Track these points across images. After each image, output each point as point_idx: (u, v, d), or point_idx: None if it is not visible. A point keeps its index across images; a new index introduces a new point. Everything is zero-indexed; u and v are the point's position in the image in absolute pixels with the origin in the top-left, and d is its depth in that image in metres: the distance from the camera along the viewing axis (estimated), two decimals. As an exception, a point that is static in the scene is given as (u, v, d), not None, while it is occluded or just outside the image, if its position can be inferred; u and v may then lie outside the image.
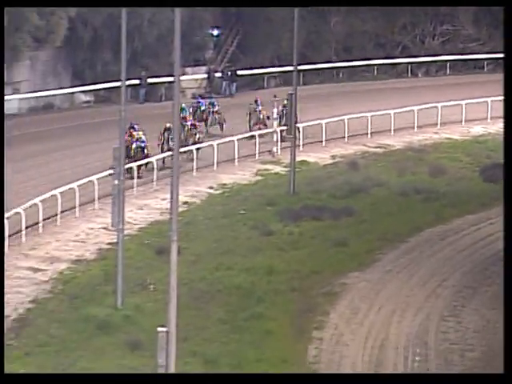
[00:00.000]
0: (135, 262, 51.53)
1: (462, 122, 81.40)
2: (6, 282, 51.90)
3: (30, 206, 56.15)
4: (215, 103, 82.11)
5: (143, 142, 65.40)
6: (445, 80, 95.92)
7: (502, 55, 70.28)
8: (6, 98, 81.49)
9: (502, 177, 69.53)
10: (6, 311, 49.56)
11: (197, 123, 75.26)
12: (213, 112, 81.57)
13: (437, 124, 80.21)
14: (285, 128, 69.38)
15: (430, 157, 74.47)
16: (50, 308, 49.67)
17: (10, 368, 42.76)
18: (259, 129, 74.61)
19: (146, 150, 64.60)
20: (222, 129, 75.80)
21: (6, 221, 56.93)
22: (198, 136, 72.23)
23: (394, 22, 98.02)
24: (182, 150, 65.38)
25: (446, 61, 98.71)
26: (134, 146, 66.25)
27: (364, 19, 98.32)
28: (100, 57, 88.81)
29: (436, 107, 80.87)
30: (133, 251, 52.06)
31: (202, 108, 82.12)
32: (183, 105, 70.79)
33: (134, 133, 66.57)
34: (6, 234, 55.40)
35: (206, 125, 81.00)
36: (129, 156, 61.29)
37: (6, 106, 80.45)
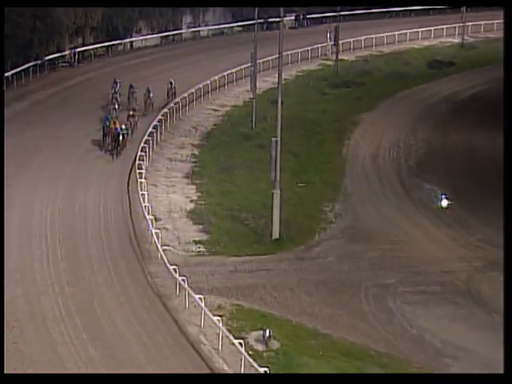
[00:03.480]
0: (261, 107, 62.65)
1: (418, 39, 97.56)
2: (207, 112, 67.35)
3: (203, 82, 70.18)
4: None
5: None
6: (411, 19, 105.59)
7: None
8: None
9: (441, 67, 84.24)
10: (202, 129, 63.78)
11: None
12: None
13: (406, 41, 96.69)
14: (333, 43, 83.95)
15: (402, 56, 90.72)
16: (221, 128, 64.50)
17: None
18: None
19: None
20: None
21: (201, 86, 69.19)
22: None
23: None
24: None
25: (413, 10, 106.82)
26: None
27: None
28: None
29: (406, 32, 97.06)
30: (260, 102, 63.32)
31: None
32: None
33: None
34: (197, 93, 68.38)
35: None
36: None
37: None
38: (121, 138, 52.53)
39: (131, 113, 58.19)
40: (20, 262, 39.90)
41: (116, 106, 61.33)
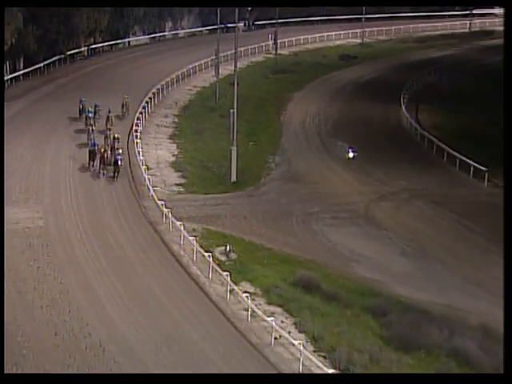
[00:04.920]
0: (222, 88, 60.59)
1: (333, 40, 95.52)
2: (183, 91, 65.28)
3: (181, 70, 69.22)
4: None
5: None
6: (328, 25, 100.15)
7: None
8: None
9: (348, 59, 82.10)
10: (180, 103, 62.15)
11: None
12: None
13: (324, 41, 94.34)
14: (273, 42, 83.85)
15: (322, 52, 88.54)
16: (194, 102, 63.42)
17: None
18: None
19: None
20: None
21: (179, 74, 67.50)
22: None
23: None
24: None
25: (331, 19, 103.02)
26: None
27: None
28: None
29: (324, 35, 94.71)
30: (221, 84, 61.63)
31: None
32: None
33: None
34: (177, 78, 66.93)
35: None
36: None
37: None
38: (120, 163, 42.27)
39: (116, 135, 46.02)
40: (53, 198, 39.68)
41: (93, 128, 48.29)
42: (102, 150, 43.07)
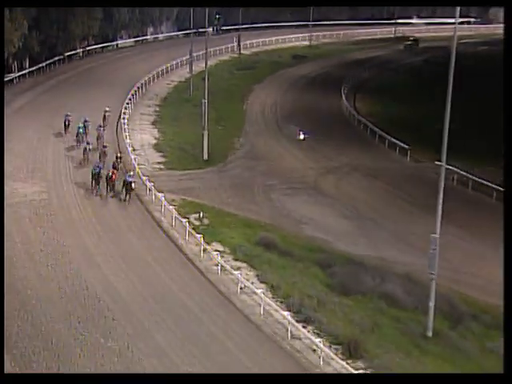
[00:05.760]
0: (195, 82, 58.66)
1: (286, 42, 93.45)
2: (163, 85, 63.43)
3: (161, 67, 68.22)
4: None
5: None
6: (283, 30, 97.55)
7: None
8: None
9: (299, 58, 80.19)
10: (161, 95, 60.30)
11: None
12: None
13: (280, 43, 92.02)
14: (237, 44, 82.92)
15: (277, 52, 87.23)
16: (172, 95, 61.96)
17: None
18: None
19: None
20: None
21: (159, 70, 65.90)
22: None
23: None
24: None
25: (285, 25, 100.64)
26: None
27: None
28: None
29: (279, 38, 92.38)
30: (195, 79, 59.74)
31: None
32: None
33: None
34: (157, 74, 65.49)
35: None
36: None
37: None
38: (133, 185, 34.70)
39: (118, 154, 39.22)
40: (54, 176, 38.93)
41: (89, 148, 40.72)
42: (110, 173, 35.51)
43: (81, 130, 43.46)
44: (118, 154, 39.00)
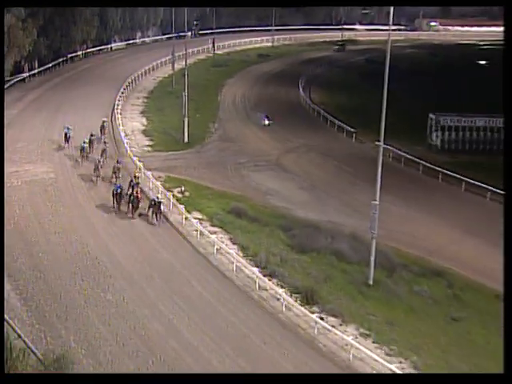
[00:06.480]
0: (177, 78, 56.40)
1: (253, 43, 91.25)
2: (150, 80, 61.64)
3: (148, 66, 66.54)
4: None
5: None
6: (252, 33, 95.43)
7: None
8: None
9: (263, 57, 79.22)
10: (148, 89, 58.44)
11: None
12: None
13: (247, 44, 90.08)
14: (212, 45, 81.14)
15: (246, 52, 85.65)
16: (157, 88, 59.97)
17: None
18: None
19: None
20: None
21: (146, 68, 64.14)
22: None
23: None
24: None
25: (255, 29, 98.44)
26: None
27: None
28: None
29: (247, 40, 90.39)
30: (176, 75, 58.01)
31: None
32: None
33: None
34: (145, 71, 63.88)
35: None
36: None
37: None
38: (162, 207, 28.65)
39: (136, 174, 32.66)
40: (60, 159, 37.93)
41: (101, 163, 34.30)
42: (135, 192, 29.26)
43: (85, 145, 36.39)
44: (137, 174, 32.46)
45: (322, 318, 21.48)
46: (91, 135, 38.17)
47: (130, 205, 29.18)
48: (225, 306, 22.41)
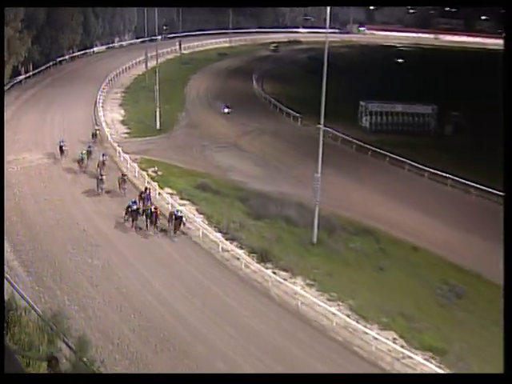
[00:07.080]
0: (150, 75, 53.90)
1: (213, 44, 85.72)
2: (127, 77, 59.29)
3: (125, 65, 64.30)
4: None
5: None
6: (215, 36, 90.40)
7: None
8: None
9: (222, 55, 76.91)
10: (125, 85, 56.04)
11: None
12: None
13: (209, 45, 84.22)
14: (179, 47, 78.47)
15: (208, 51, 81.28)
16: (133, 84, 57.41)
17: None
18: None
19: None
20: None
21: (124, 67, 61.83)
22: None
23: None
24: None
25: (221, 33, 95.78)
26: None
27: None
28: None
29: (210, 42, 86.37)
30: (149, 73, 55.57)
31: None
32: None
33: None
34: (122, 70, 61.40)
35: None
36: None
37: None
38: (184, 220, 24.19)
39: (147, 185, 28.01)
40: (53, 147, 36.22)
41: (104, 175, 29.08)
42: (153, 209, 24.28)
43: (83, 157, 31.42)
44: (147, 185, 27.42)
45: (274, 273, 21.58)
46: (89, 147, 33.31)
47: (148, 220, 23.94)
48: (193, 265, 22.18)
